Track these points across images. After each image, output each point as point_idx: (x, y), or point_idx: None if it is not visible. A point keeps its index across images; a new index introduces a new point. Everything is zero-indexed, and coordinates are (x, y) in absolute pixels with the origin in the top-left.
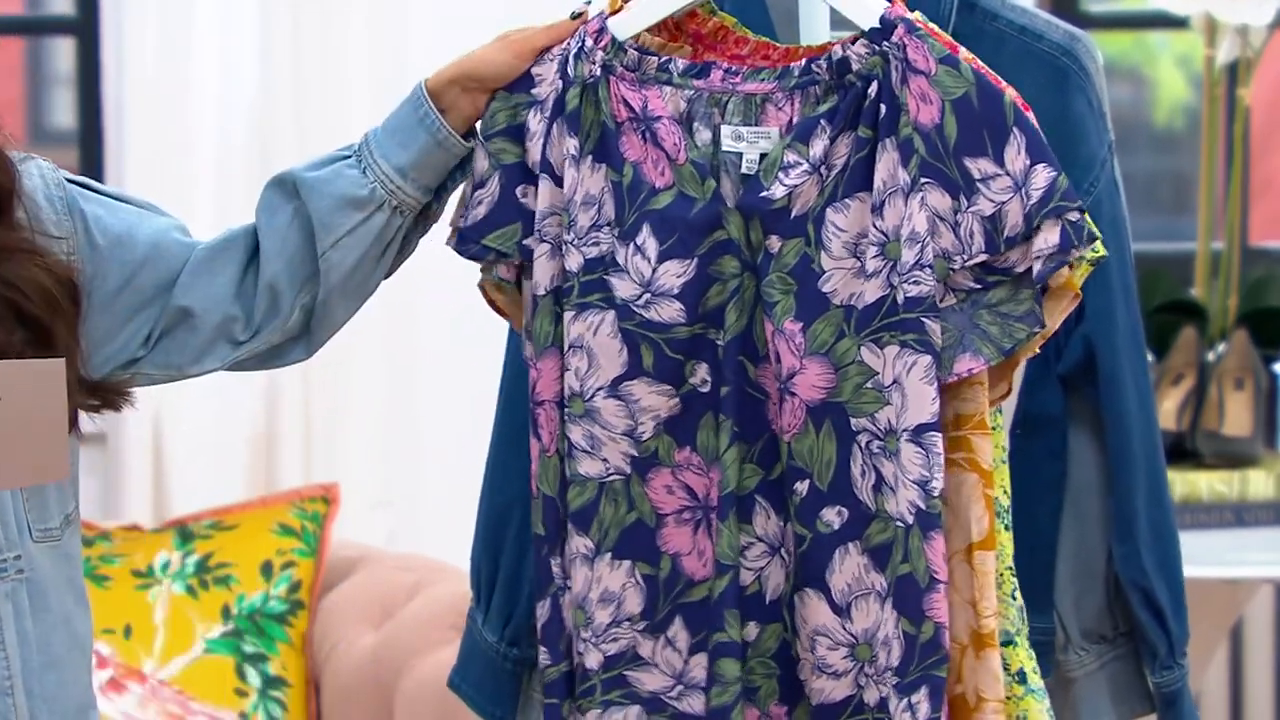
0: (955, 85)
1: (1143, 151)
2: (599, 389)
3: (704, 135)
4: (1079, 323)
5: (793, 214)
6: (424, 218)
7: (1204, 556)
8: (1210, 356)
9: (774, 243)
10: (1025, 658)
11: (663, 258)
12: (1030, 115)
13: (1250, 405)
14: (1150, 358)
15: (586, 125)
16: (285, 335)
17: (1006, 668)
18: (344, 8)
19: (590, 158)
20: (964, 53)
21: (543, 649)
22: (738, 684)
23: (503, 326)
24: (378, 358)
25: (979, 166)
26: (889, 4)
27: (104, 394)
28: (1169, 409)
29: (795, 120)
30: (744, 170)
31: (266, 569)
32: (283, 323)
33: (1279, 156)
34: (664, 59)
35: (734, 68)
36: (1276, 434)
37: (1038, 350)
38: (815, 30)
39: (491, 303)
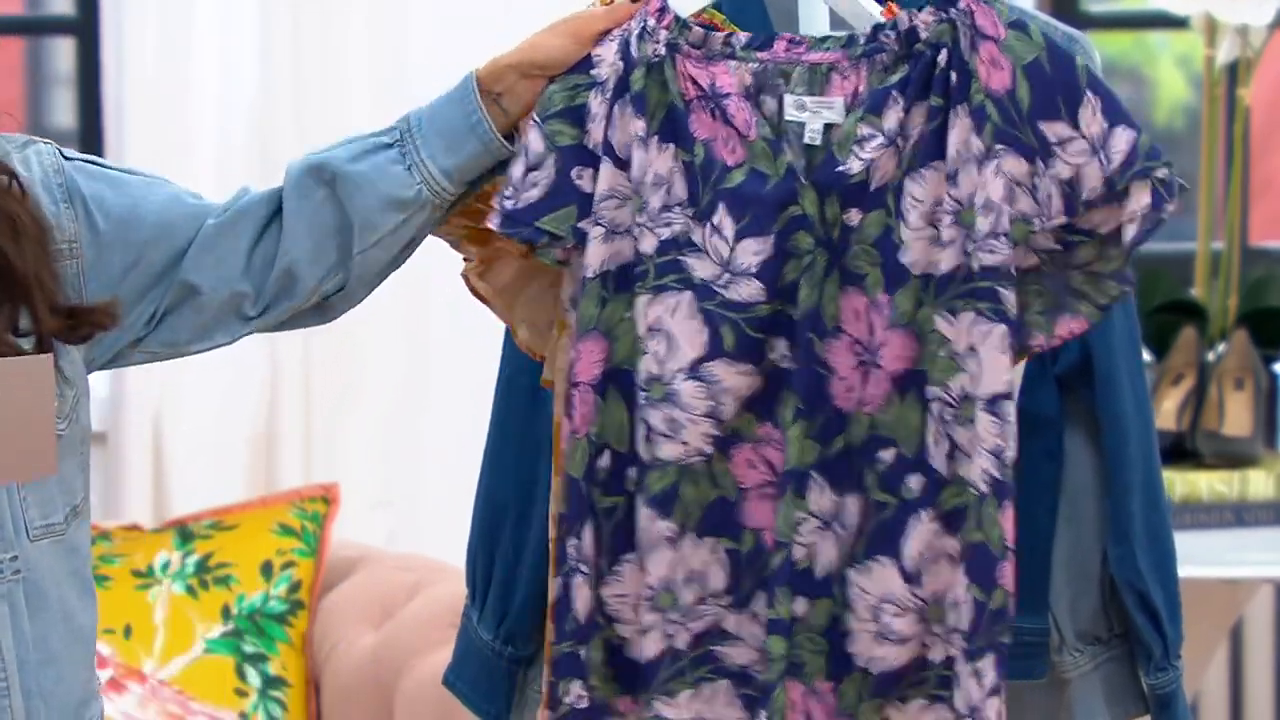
0: (1026, 50)
1: None
2: (679, 371)
3: (770, 107)
4: None
5: (872, 187)
6: (445, 214)
7: (1204, 556)
8: (1210, 356)
9: (853, 216)
10: None
11: (740, 236)
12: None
13: (1250, 405)
14: (1150, 358)
15: (652, 106)
16: (299, 312)
17: None
18: (344, 8)
19: (657, 138)
20: None
21: (550, 626)
22: (782, 661)
23: (503, 325)
24: (378, 357)
25: (1054, 130)
26: (884, 6)
27: (84, 317)
28: (1169, 409)
29: (862, 89)
30: (806, 140)
31: (266, 569)
32: (297, 305)
33: (1279, 156)
34: (727, 33)
35: (798, 38)
36: (1276, 434)
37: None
38: (814, 29)
39: (475, 292)
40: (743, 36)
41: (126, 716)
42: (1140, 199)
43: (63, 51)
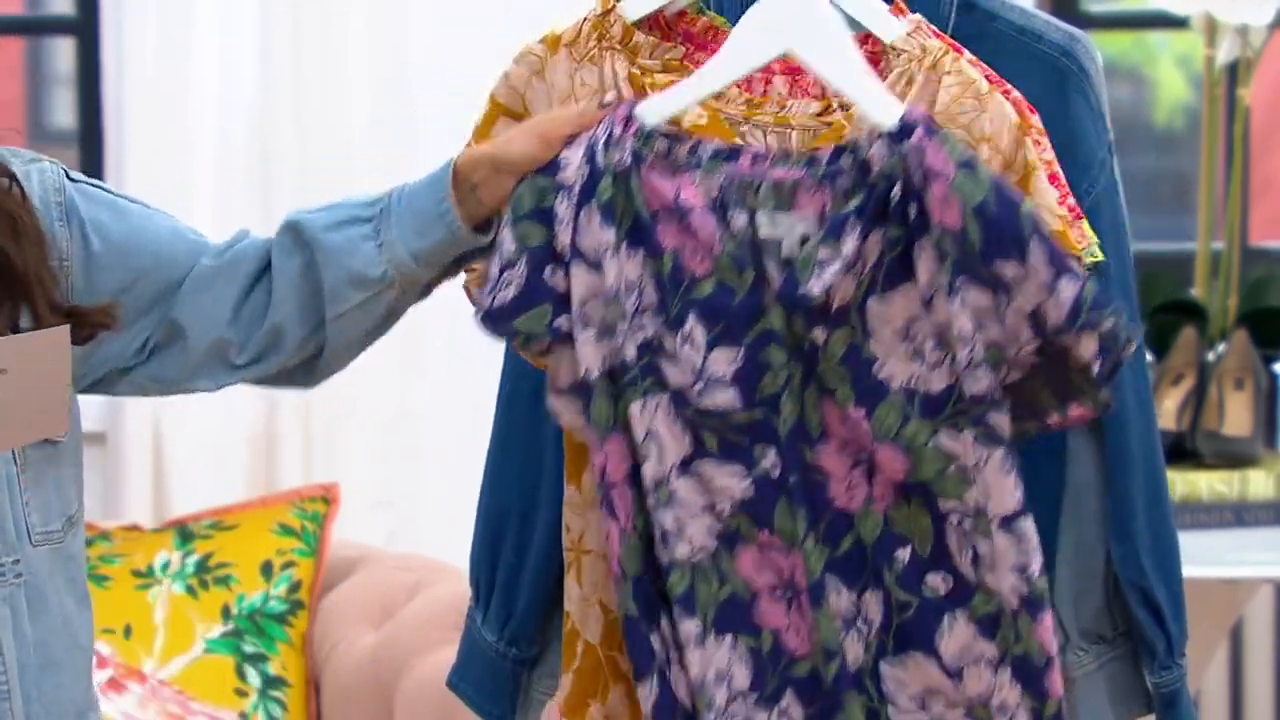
0: (975, 191)
1: (1143, 151)
2: (673, 469)
3: (740, 221)
4: None
5: (833, 308)
6: (427, 290)
7: (1204, 556)
8: (1210, 356)
9: (819, 334)
10: None
11: (711, 345)
12: (1037, 119)
13: (1250, 405)
14: (1150, 358)
15: (619, 214)
16: (285, 369)
17: None
18: (344, 8)
19: (625, 244)
20: (967, 55)
21: None
22: None
23: None
24: (378, 357)
25: (1008, 269)
26: (890, 4)
27: (84, 317)
28: (1169, 409)
29: (828, 208)
30: (784, 255)
31: (266, 569)
32: (284, 360)
33: (1279, 156)
34: (694, 142)
35: (762, 152)
36: (1276, 434)
37: None
38: None
39: (476, 303)
40: (709, 147)
41: (126, 716)
42: (1089, 348)
43: (63, 51)
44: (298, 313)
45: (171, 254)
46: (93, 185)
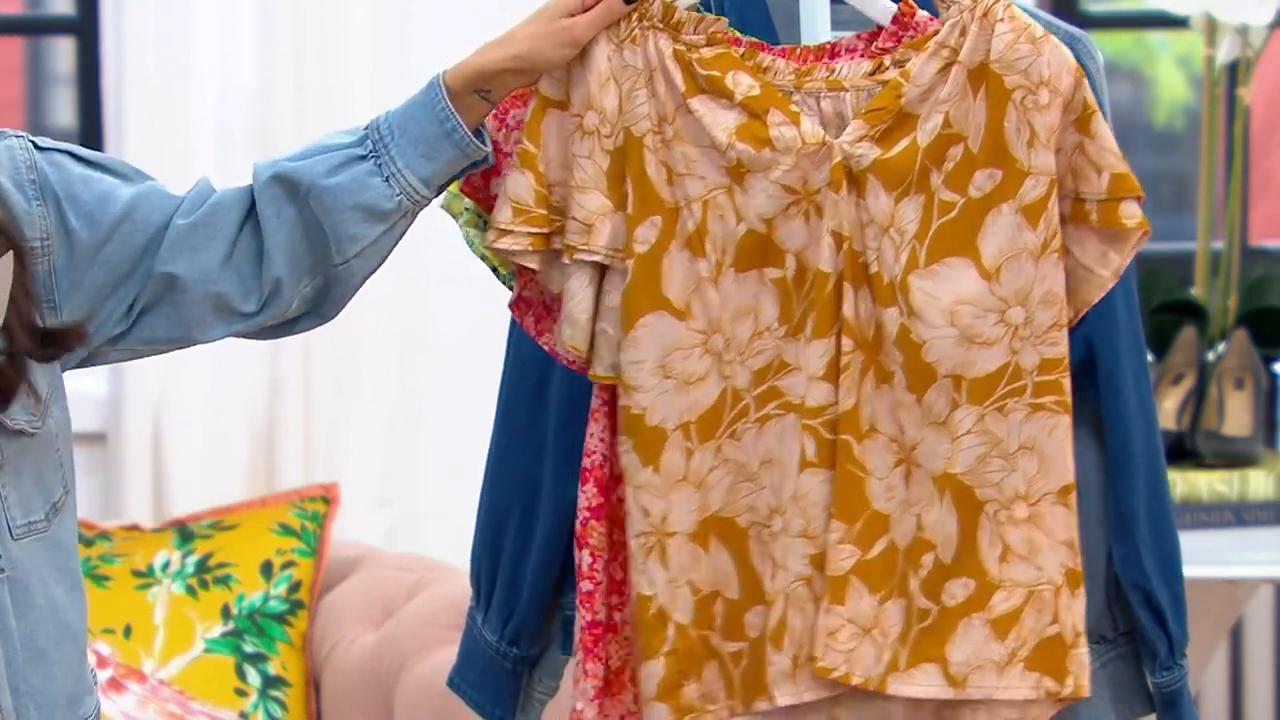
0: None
1: (1143, 151)
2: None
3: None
4: (1080, 323)
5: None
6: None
7: (1204, 556)
8: (1210, 356)
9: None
10: None
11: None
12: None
13: (1250, 405)
14: (1150, 358)
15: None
16: (289, 315)
17: None
18: (344, 6)
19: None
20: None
21: None
22: None
23: (504, 325)
24: (378, 357)
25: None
26: (897, 3)
27: (53, 341)
28: (1169, 409)
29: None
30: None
31: (266, 569)
32: (284, 309)
33: (1279, 156)
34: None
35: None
36: (1276, 434)
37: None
38: (816, 30)
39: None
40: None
41: (126, 716)
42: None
43: (63, 51)
44: (291, 263)
45: (144, 210)
46: (60, 151)
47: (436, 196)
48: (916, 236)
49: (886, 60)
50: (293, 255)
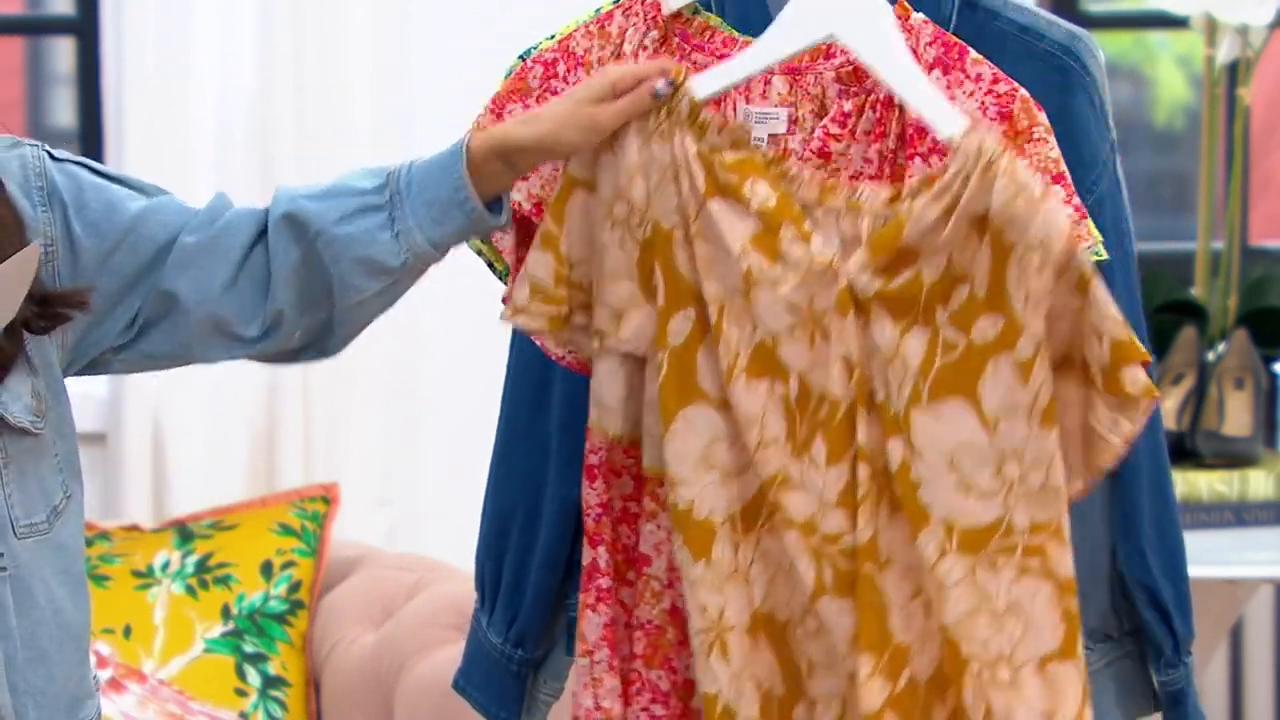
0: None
1: (1143, 151)
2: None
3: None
4: None
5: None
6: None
7: (1204, 556)
8: (1210, 356)
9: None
10: None
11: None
12: (1043, 116)
13: (1250, 405)
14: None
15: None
16: (289, 349)
17: None
18: (344, 7)
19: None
20: (972, 54)
21: None
22: None
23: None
24: (379, 357)
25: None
26: (894, 4)
27: (53, 303)
28: (1169, 409)
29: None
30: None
31: (266, 569)
32: (286, 339)
33: (1279, 156)
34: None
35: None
36: (1276, 434)
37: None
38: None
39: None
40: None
41: (126, 716)
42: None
43: (63, 51)
44: (299, 300)
45: (152, 222)
46: (75, 163)
47: (444, 258)
48: (920, 371)
49: (904, 190)
50: (297, 291)
